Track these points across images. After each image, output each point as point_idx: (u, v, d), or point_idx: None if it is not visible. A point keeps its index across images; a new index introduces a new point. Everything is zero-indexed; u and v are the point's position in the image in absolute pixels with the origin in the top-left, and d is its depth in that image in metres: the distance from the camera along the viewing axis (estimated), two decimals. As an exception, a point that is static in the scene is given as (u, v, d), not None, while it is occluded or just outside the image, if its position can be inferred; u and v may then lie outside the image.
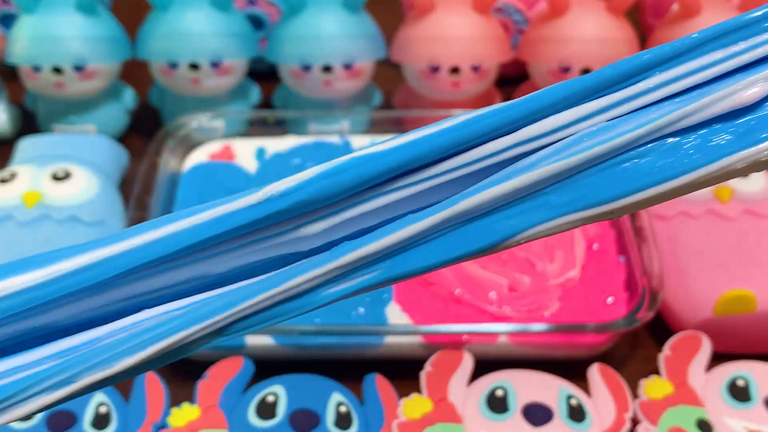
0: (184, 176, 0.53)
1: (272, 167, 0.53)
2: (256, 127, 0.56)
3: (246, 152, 0.55)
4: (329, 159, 0.19)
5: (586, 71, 0.55)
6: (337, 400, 0.41)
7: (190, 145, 0.55)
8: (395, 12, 0.65)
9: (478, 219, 0.20)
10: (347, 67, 0.55)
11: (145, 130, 0.60)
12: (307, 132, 0.56)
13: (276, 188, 0.19)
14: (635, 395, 0.42)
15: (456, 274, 0.46)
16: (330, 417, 0.41)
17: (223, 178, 0.53)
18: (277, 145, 0.55)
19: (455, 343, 0.43)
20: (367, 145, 0.20)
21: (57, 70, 0.54)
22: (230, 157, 0.54)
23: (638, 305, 0.43)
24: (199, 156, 0.54)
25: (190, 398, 0.41)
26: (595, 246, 0.48)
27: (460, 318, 0.44)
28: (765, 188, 0.49)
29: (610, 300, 0.46)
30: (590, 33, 0.54)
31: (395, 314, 0.45)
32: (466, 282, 0.46)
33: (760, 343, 0.45)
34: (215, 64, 0.55)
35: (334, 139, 0.55)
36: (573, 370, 0.43)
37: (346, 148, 0.55)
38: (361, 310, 0.45)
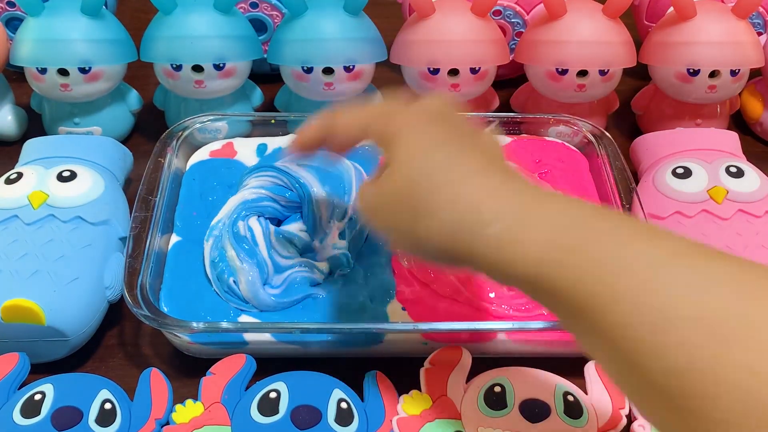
0: (186, 173, 0.54)
1: (272, 161, 0.53)
2: (259, 128, 0.56)
3: (247, 149, 0.55)
4: (330, 159, 0.20)
5: (582, 73, 0.56)
6: (338, 396, 0.42)
7: (193, 146, 0.55)
8: (395, 15, 0.65)
9: None
10: (348, 69, 0.56)
11: (150, 131, 0.61)
12: (309, 133, 0.57)
13: None
14: (631, 392, 0.42)
15: (456, 274, 0.47)
16: (331, 413, 0.41)
17: (224, 173, 0.53)
18: (278, 141, 0.55)
19: (454, 341, 0.44)
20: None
21: (63, 72, 0.55)
22: (231, 153, 0.55)
23: (634, 303, 0.43)
24: (201, 154, 0.55)
25: (194, 395, 0.42)
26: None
27: (459, 316, 0.45)
28: (759, 189, 0.50)
29: (606, 298, 0.46)
30: (587, 35, 0.55)
31: (396, 312, 0.46)
32: (466, 281, 0.46)
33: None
34: (218, 67, 0.55)
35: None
36: (570, 367, 0.44)
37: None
38: (362, 308, 0.46)
